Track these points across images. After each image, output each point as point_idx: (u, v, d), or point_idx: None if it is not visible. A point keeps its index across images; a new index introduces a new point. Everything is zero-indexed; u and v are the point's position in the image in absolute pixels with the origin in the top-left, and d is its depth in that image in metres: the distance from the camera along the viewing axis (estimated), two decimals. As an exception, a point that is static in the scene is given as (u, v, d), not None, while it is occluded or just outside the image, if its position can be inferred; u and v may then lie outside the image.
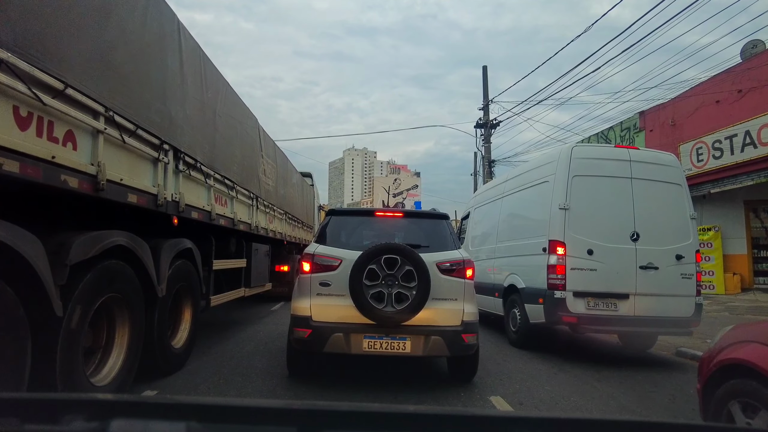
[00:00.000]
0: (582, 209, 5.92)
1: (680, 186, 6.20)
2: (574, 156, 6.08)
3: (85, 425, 0.93)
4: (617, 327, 6.01)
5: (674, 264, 5.89)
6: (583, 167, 6.03)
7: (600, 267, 5.79)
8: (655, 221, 5.97)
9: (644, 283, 5.77)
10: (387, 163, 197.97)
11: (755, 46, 13.46)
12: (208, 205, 5.25)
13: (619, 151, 6.30)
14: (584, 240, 5.83)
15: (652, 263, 5.81)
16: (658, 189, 6.09)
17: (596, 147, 7.47)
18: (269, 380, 4.52)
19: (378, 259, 4.10)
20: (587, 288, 5.77)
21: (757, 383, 2.55)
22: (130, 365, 3.65)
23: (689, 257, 5.94)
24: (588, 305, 5.75)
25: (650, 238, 5.88)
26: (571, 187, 5.95)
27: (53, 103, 2.66)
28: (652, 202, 6.01)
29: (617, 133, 17.65)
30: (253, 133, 7.28)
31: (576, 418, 1.66)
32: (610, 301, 5.77)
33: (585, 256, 5.81)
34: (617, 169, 6.03)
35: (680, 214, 6.11)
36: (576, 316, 5.71)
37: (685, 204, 6.16)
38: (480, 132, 19.15)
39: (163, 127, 4.06)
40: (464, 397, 4.28)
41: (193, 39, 4.79)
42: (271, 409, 1.08)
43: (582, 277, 5.78)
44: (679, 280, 5.89)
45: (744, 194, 13.17)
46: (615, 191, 5.99)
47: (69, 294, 2.82)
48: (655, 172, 6.14)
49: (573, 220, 5.88)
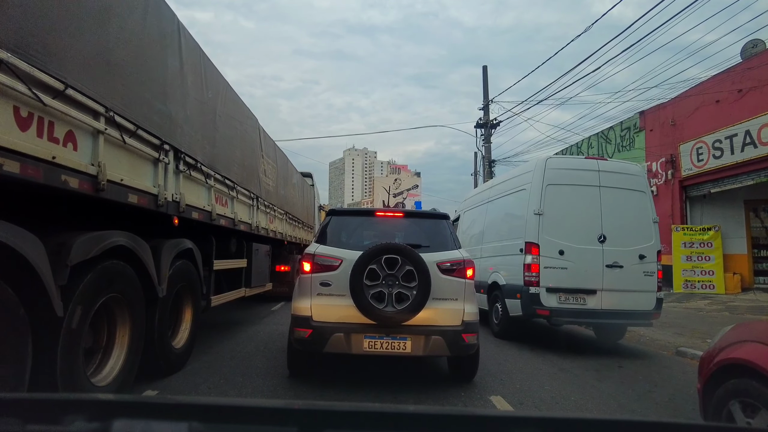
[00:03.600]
0: (555, 214, 6.58)
1: (644, 193, 6.87)
2: (548, 167, 6.78)
3: (86, 425, 0.93)
4: (586, 319, 6.79)
5: (637, 263, 6.53)
6: (556, 177, 6.72)
7: (570, 266, 6.46)
8: (621, 225, 6.61)
9: (610, 280, 6.43)
10: (387, 163, 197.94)
11: (755, 46, 13.44)
12: (209, 205, 5.25)
13: (589, 162, 7.00)
14: (556, 242, 6.50)
15: (617, 262, 6.47)
16: (624, 196, 6.75)
17: (568, 158, 8.19)
18: (270, 380, 4.53)
19: (378, 259, 4.10)
20: (559, 284, 6.45)
21: (757, 382, 2.54)
22: (130, 365, 3.65)
23: (651, 257, 6.59)
24: (559, 300, 6.45)
25: (616, 239, 6.53)
26: (545, 195, 6.63)
27: (53, 104, 2.66)
28: (618, 207, 6.66)
29: (617, 133, 17.64)
30: (253, 133, 7.28)
31: (576, 417, 1.66)
32: (579, 296, 6.46)
33: (557, 256, 6.48)
34: (587, 179, 6.71)
35: (644, 218, 6.73)
36: (549, 310, 6.39)
37: (649, 209, 6.80)
38: (480, 132, 19.15)
39: (164, 128, 4.06)
40: (464, 396, 4.28)
41: (193, 39, 4.79)
42: (271, 409, 1.08)
43: (554, 274, 6.46)
44: (642, 277, 6.52)
45: (744, 194, 13.17)
46: (584, 198, 6.65)
47: (70, 294, 2.82)
48: (621, 180, 6.79)
49: (546, 224, 6.55)
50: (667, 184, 15.04)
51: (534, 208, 6.62)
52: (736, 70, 12.55)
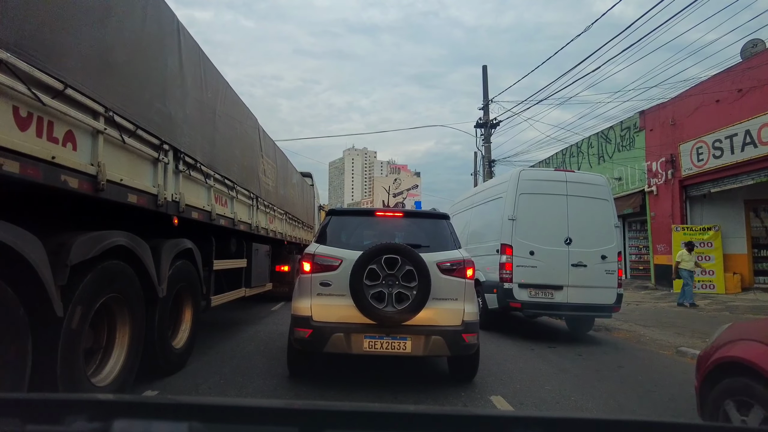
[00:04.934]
0: (526, 220, 7.44)
1: (607, 201, 7.73)
2: (521, 178, 7.69)
3: (86, 425, 0.93)
4: (553, 311, 7.69)
5: (600, 262, 7.38)
6: (528, 187, 7.59)
7: (540, 265, 7.33)
8: (585, 229, 7.46)
9: (575, 277, 7.29)
10: (387, 162, 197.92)
11: (755, 45, 13.44)
12: (209, 205, 5.25)
13: (558, 174, 7.98)
14: (527, 243, 7.37)
15: (582, 262, 7.32)
16: (589, 204, 7.59)
17: (539, 170, 9.11)
18: (270, 380, 4.53)
19: (378, 259, 4.10)
20: (529, 281, 7.31)
21: (749, 379, 2.57)
22: (130, 365, 3.64)
23: (612, 257, 7.44)
24: (530, 294, 7.30)
25: (581, 242, 7.39)
26: (518, 203, 7.52)
27: (53, 104, 2.65)
28: (583, 214, 7.51)
29: (617, 133, 17.65)
30: (252, 133, 7.28)
31: (576, 417, 1.66)
32: (547, 291, 7.32)
33: (528, 256, 7.34)
34: (555, 188, 7.57)
35: (606, 223, 7.58)
36: (521, 303, 7.27)
37: (611, 216, 7.67)
38: (480, 132, 19.14)
39: (163, 127, 4.05)
40: (464, 396, 4.28)
41: (193, 39, 4.79)
42: (271, 409, 1.08)
43: (525, 272, 7.32)
44: (604, 275, 7.36)
45: (744, 194, 13.18)
46: (553, 205, 7.49)
47: (69, 294, 2.82)
48: (586, 190, 7.65)
49: (519, 228, 7.42)
50: (667, 183, 15.05)
51: (508, 214, 7.50)
52: (736, 70, 12.55)
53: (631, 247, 17.86)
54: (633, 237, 17.84)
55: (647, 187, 15.93)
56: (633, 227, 17.78)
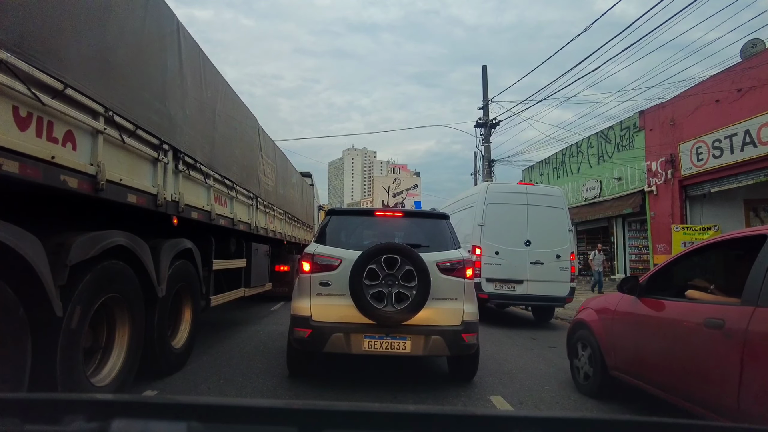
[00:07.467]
0: (493, 225, 8.94)
1: (562, 209, 9.22)
2: (489, 191, 9.31)
3: (85, 425, 0.93)
4: (515, 301, 9.32)
5: (554, 261, 8.85)
6: (495, 198, 9.14)
7: (503, 262, 8.81)
8: (542, 233, 8.91)
9: (533, 273, 8.77)
10: (387, 162, 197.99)
11: (755, 45, 13.44)
12: (208, 205, 5.25)
13: (520, 187, 9.46)
14: (493, 245, 8.87)
15: (539, 260, 8.80)
16: (546, 212, 9.04)
17: (504, 184, 10.07)
18: (269, 380, 4.53)
19: (378, 259, 4.10)
20: (494, 276, 8.79)
21: (585, 330, 4.53)
22: (130, 365, 3.64)
23: (565, 256, 8.92)
24: (495, 287, 8.79)
25: (538, 243, 8.86)
26: (486, 211, 9.02)
27: (53, 104, 2.65)
28: (541, 220, 8.96)
29: (617, 132, 17.65)
30: (252, 133, 7.28)
31: (576, 417, 1.66)
32: (510, 285, 8.82)
33: (494, 255, 8.83)
34: (518, 199, 9.08)
35: (561, 228, 9.09)
36: (487, 294, 8.66)
37: (565, 221, 9.16)
38: (480, 131, 19.13)
39: (163, 127, 4.05)
40: (464, 396, 4.28)
41: (193, 38, 4.79)
42: (271, 409, 1.08)
43: (492, 269, 8.78)
44: (558, 272, 8.85)
45: (744, 193, 13.17)
46: (515, 213, 8.98)
47: (69, 294, 2.81)
48: (544, 200, 9.16)
49: (486, 232, 8.92)
50: (666, 183, 15.05)
51: (478, 220, 9.02)
52: (736, 70, 12.55)
53: (630, 247, 17.85)
54: (633, 237, 17.82)
55: (647, 186, 15.93)
56: (633, 227, 17.77)
